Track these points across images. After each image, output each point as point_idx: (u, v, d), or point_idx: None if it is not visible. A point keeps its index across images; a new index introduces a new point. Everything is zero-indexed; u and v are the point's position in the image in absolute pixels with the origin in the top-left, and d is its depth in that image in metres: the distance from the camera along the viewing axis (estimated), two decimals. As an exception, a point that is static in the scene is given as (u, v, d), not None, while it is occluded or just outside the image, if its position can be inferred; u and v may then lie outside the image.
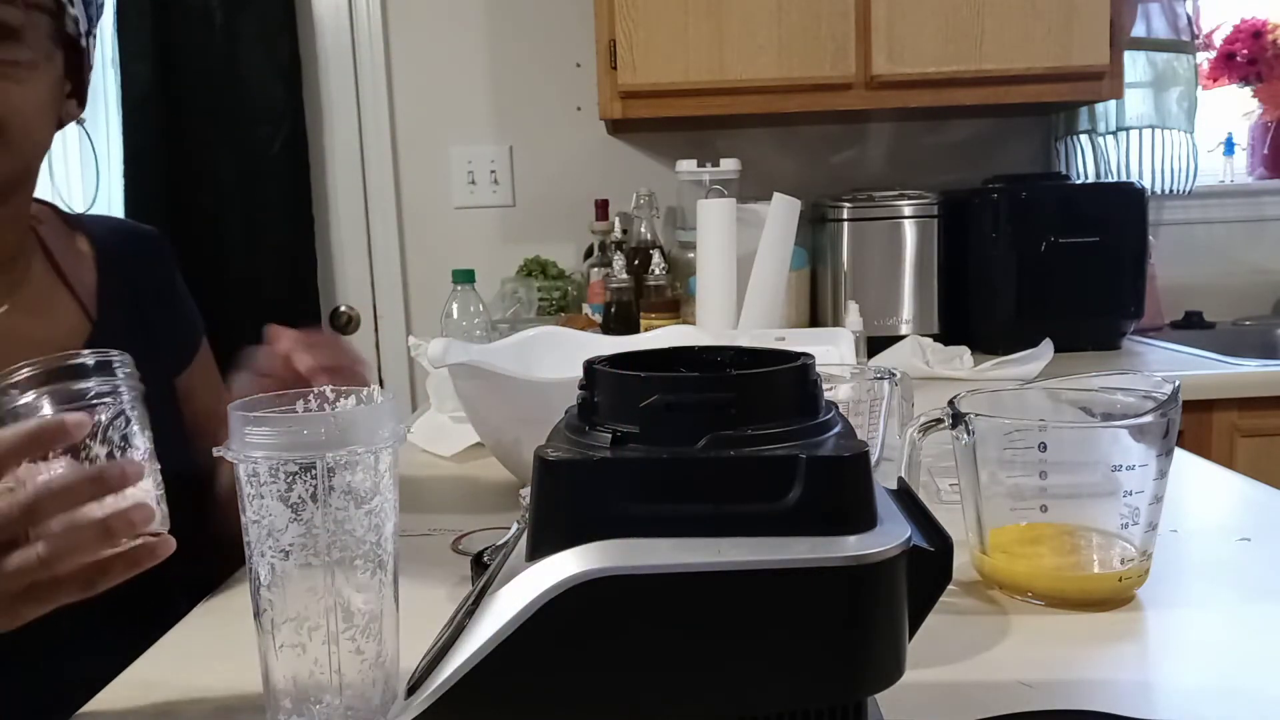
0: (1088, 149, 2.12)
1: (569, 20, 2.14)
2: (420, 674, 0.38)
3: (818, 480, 0.36)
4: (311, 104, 2.16)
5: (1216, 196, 2.20)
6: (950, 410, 0.66)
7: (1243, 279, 2.20)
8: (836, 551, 0.35)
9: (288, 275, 2.16)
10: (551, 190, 2.20)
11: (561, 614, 0.35)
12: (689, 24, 1.77)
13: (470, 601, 0.39)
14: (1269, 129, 2.19)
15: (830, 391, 0.51)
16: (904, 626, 0.37)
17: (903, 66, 1.78)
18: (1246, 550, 0.73)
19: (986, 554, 0.66)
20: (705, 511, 0.36)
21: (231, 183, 2.12)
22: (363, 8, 2.15)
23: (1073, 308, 1.81)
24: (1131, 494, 0.61)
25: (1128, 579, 0.63)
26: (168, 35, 2.07)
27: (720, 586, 0.35)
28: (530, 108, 2.19)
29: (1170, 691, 0.53)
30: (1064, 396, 0.67)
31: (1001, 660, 0.57)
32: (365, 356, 0.49)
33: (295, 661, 0.47)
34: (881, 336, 1.77)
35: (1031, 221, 1.80)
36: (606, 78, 1.82)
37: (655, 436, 0.37)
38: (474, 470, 1.08)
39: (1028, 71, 1.79)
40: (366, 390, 0.51)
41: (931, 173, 2.13)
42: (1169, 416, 0.60)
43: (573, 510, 0.37)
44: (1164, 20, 2.05)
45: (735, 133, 2.16)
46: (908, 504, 0.41)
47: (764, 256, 1.53)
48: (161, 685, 0.58)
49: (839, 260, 1.88)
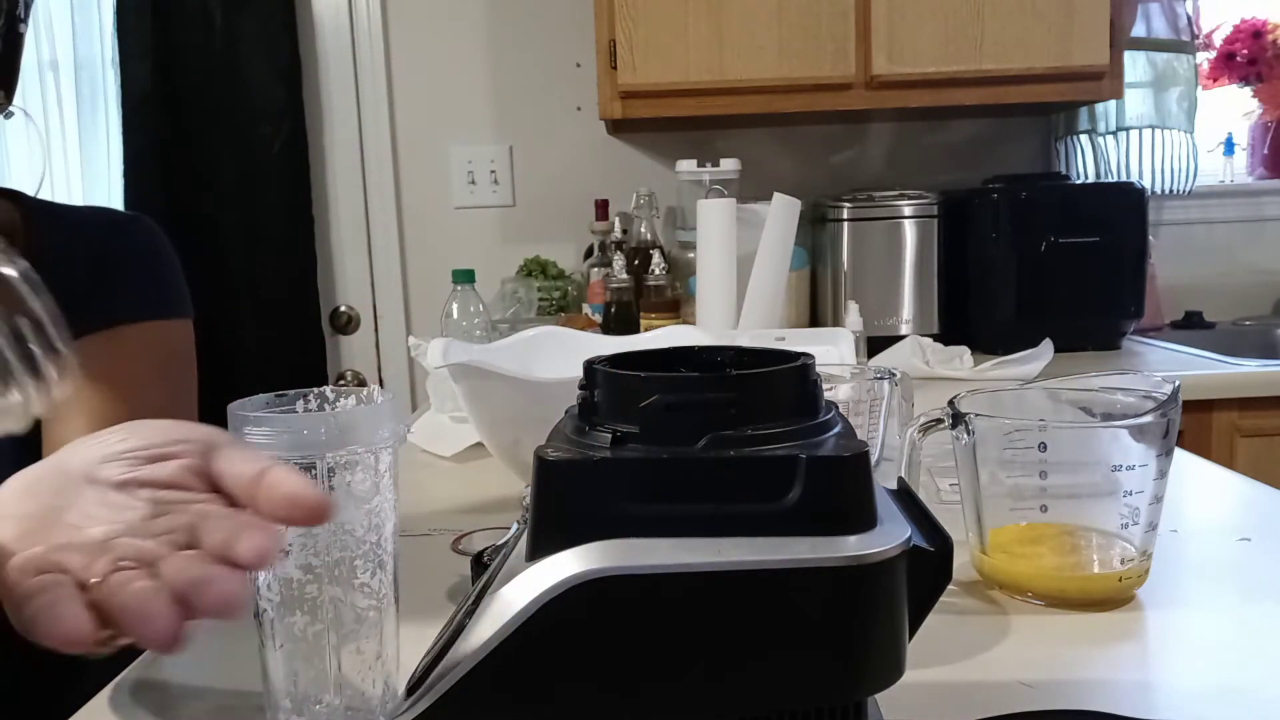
0: (1088, 149, 2.12)
1: (569, 20, 2.14)
2: (420, 674, 0.38)
3: (818, 480, 0.36)
4: (311, 104, 2.16)
5: (1216, 196, 2.20)
6: (950, 410, 0.66)
7: (1243, 279, 2.20)
8: (836, 551, 0.35)
9: (288, 275, 2.16)
10: (551, 190, 2.21)
11: (561, 614, 0.35)
12: (689, 24, 1.77)
13: (470, 601, 0.39)
14: (1269, 129, 2.19)
15: (830, 391, 0.51)
16: (904, 626, 0.37)
17: (903, 66, 1.78)
18: (1246, 550, 0.73)
19: (986, 554, 0.66)
20: (705, 511, 0.36)
21: (231, 183, 2.12)
22: (363, 8, 2.15)
23: (1073, 308, 1.81)
24: (1131, 494, 0.61)
25: (1128, 579, 0.63)
26: (168, 35, 2.07)
27: (720, 586, 0.35)
28: (530, 108, 2.19)
29: (1170, 691, 0.53)
30: (1064, 396, 0.67)
31: (1001, 660, 0.56)
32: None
33: (295, 661, 0.47)
34: (881, 336, 1.77)
35: (1031, 221, 1.80)
36: (606, 78, 1.82)
37: (655, 436, 0.37)
38: (474, 470, 1.08)
39: (1028, 71, 1.79)
40: (367, 390, 0.51)
41: (931, 173, 2.13)
42: (1169, 416, 0.60)
43: (573, 510, 0.37)
44: (1164, 20, 2.05)
45: (735, 133, 2.16)
46: (908, 504, 0.41)
47: (764, 256, 1.53)
48: (161, 685, 0.58)
49: (839, 260, 1.88)
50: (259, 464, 0.43)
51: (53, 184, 2.10)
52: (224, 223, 2.12)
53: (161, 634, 0.36)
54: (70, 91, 2.14)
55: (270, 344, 2.12)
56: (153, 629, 0.36)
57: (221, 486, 0.44)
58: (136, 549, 0.40)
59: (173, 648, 0.36)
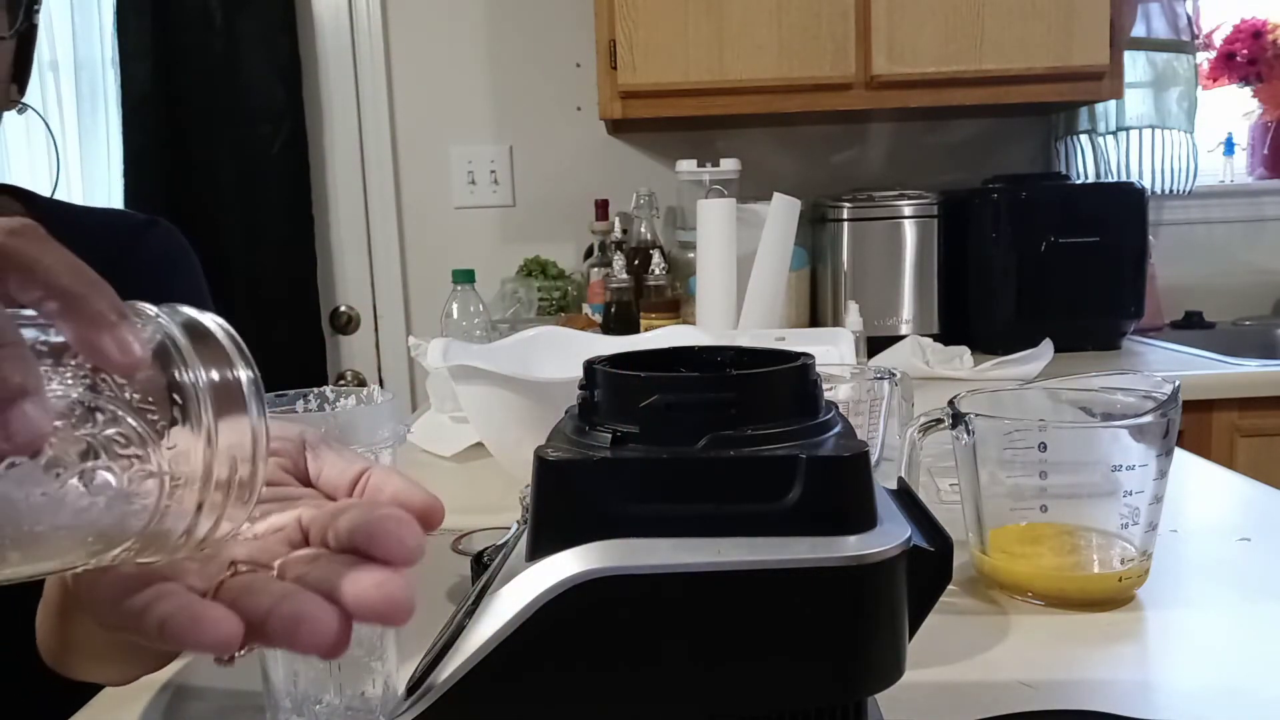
0: (1088, 149, 2.12)
1: (569, 20, 2.14)
2: (420, 674, 0.38)
3: (818, 480, 0.36)
4: (311, 104, 2.16)
5: (1216, 196, 2.20)
6: (950, 410, 0.66)
7: (1243, 279, 2.20)
8: (836, 551, 0.35)
9: (288, 275, 2.16)
10: (551, 190, 2.21)
11: (561, 614, 0.35)
12: (689, 24, 1.77)
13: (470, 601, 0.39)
14: (1269, 129, 2.19)
15: (830, 391, 0.51)
16: (904, 626, 0.37)
17: (903, 66, 1.78)
18: (1246, 550, 0.73)
19: (986, 554, 0.66)
20: (705, 511, 0.36)
21: (231, 183, 2.12)
22: (363, 8, 2.15)
23: (1073, 308, 1.81)
24: (1131, 494, 0.61)
25: (1128, 579, 0.63)
26: (168, 35, 2.07)
27: (720, 586, 0.35)
28: (530, 108, 2.19)
29: (1170, 691, 0.53)
30: (1064, 396, 0.67)
31: (1001, 660, 0.56)
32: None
33: (295, 661, 0.47)
34: (881, 336, 1.77)
35: (1031, 221, 1.80)
36: (606, 78, 1.82)
37: (655, 436, 0.37)
38: (474, 470, 1.08)
39: (1028, 71, 1.79)
40: (367, 390, 0.51)
41: (931, 173, 2.13)
42: (1169, 416, 0.60)
43: (573, 510, 0.37)
44: (1164, 20, 2.05)
45: (735, 133, 2.16)
46: (908, 504, 0.41)
47: (764, 256, 1.53)
48: (163, 686, 0.57)
49: (839, 260, 1.88)
50: (356, 464, 0.39)
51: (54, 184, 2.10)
52: (224, 223, 2.12)
53: (326, 636, 0.29)
54: (70, 91, 2.14)
55: (270, 344, 2.12)
56: (314, 631, 0.29)
57: (317, 487, 0.40)
58: (249, 550, 0.35)
59: (339, 650, 0.30)
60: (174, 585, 0.32)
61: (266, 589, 0.31)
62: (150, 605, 0.31)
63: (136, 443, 0.29)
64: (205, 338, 0.31)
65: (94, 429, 0.29)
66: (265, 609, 0.30)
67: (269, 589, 0.31)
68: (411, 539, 0.32)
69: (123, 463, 0.29)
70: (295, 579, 0.32)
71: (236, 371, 0.31)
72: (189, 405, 0.30)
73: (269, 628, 0.30)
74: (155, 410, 0.30)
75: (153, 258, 0.87)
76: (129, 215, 0.89)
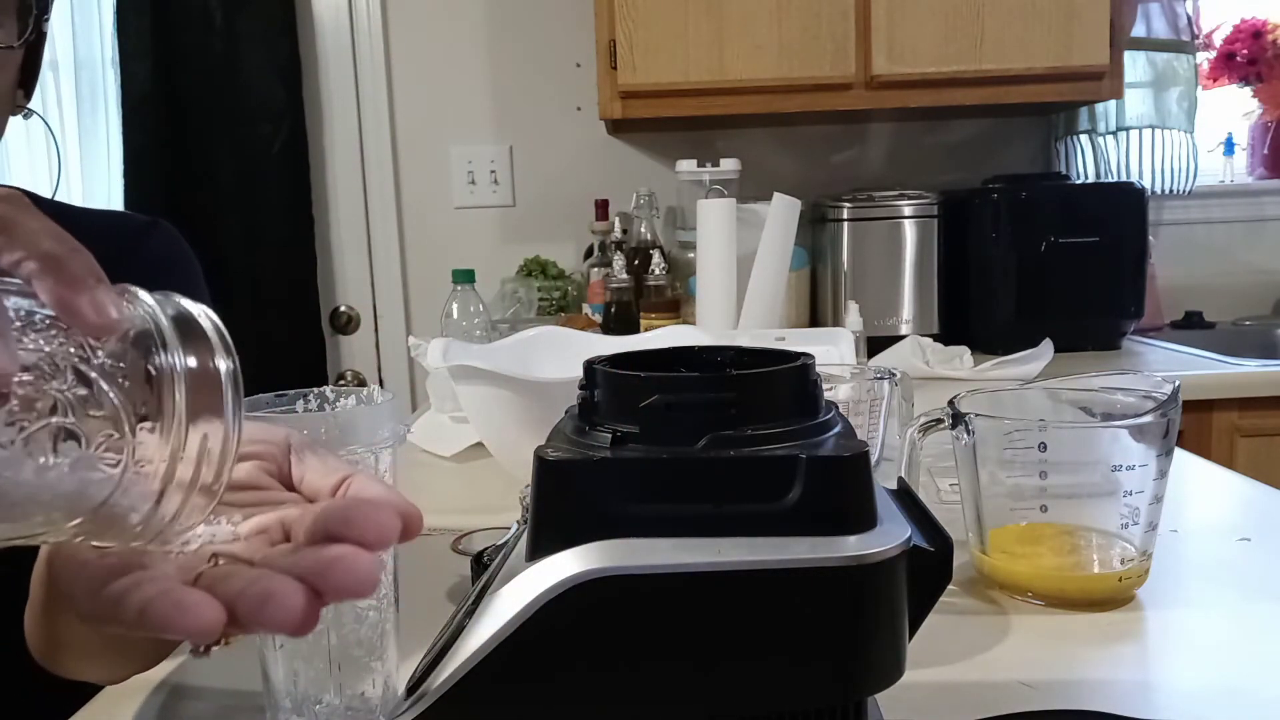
0: (1088, 149, 2.12)
1: (569, 20, 2.14)
2: (420, 674, 0.38)
3: (818, 480, 0.36)
4: (311, 104, 2.16)
5: (1216, 196, 2.20)
6: (950, 410, 0.66)
7: (1243, 279, 2.20)
8: (836, 551, 0.35)
9: (288, 275, 2.16)
10: (551, 190, 2.21)
11: (561, 614, 0.35)
12: (689, 24, 1.78)
13: (470, 601, 0.39)
14: (1269, 129, 2.19)
15: (830, 391, 0.51)
16: (904, 626, 0.37)
17: (903, 66, 1.78)
18: (1246, 550, 0.73)
19: (986, 554, 0.66)
20: (705, 511, 0.36)
21: (231, 183, 2.12)
22: (363, 8, 2.15)
23: (1073, 308, 1.81)
24: (1131, 494, 0.61)
25: (1128, 579, 0.63)
26: (168, 35, 2.07)
27: (720, 586, 0.35)
28: (530, 108, 2.19)
29: (1170, 691, 0.53)
30: (1064, 396, 0.67)
31: (1001, 660, 0.56)
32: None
33: (295, 661, 0.47)
34: (881, 336, 1.77)
35: (1031, 221, 1.81)
36: (606, 78, 1.82)
37: (655, 436, 0.37)
38: (474, 470, 1.08)
39: (1028, 71, 1.79)
40: (367, 390, 0.51)
41: (931, 173, 2.13)
42: (1169, 416, 0.60)
43: (573, 510, 0.37)
44: (1164, 20, 2.05)
45: (735, 133, 2.16)
46: (908, 504, 0.41)
47: (764, 256, 1.53)
48: (161, 685, 0.57)
49: (839, 260, 1.88)
50: (340, 470, 0.39)
51: (54, 185, 2.10)
52: (224, 222, 2.12)
53: (293, 612, 0.29)
54: (70, 91, 2.14)
55: (270, 344, 2.12)
56: (281, 607, 0.29)
57: (299, 491, 0.40)
58: (230, 546, 0.35)
59: (307, 627, 0.30)
60: (154, 573, 0.32)
61: (241, 574, 0.31)
62: (129, 591, 0.30)
63: (107, 409, 0.29)
64: (190, 325, 0.31)
65: (63, 387, 0.28)
66: (237, 591, 0.30)
67: (243, 574, 0.31)
68: (386, 520, 0.32)
69: (90, 425, 0.29)
70: (268, 564, 0.32)
71: (216, 361, 0.31)
72: (164, 386, 0.30)
73: (239, 610, 0.29)
74: (130, 384, 0.30)
75: (153, 260, 0.86)
76: (130, 217, 0.89)
